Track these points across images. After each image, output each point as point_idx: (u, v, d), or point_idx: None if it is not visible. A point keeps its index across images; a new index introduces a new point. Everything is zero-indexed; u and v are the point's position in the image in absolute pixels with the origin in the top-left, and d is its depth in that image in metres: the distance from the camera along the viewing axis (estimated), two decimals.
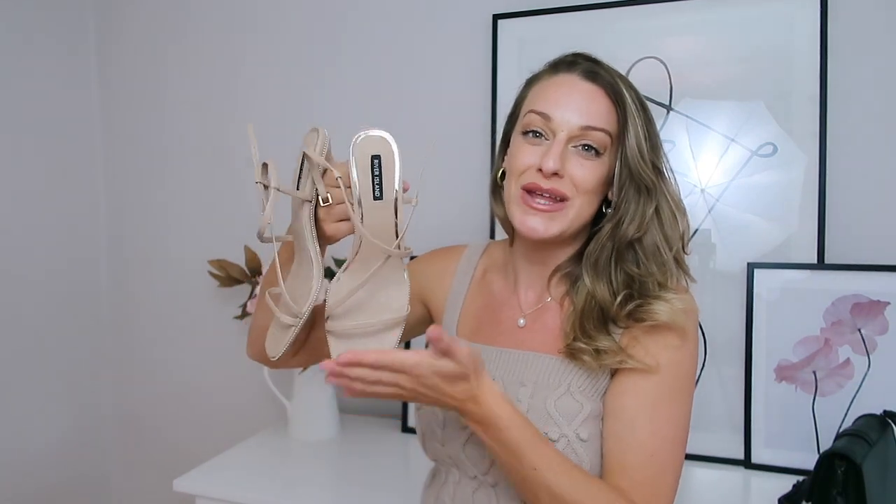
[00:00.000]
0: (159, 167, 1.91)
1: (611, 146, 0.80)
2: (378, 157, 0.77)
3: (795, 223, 1.33)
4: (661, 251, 0.79)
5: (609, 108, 0.79)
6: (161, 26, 1.88)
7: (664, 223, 0.80)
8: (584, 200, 0.80)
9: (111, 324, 1.99)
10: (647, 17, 1.40)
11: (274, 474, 1.37)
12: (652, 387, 0.76)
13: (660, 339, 0.78)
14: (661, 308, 0.76)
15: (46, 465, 1.82)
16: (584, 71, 0.81)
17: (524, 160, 0.80)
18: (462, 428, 0.82)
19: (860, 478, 0.95)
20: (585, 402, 0.78)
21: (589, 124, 0.78)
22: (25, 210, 1.76)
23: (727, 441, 1.35)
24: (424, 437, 0.88)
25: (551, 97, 0.80)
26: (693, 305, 0.81)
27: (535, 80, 0.86)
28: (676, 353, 0.77)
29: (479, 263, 0.96)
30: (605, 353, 0.76)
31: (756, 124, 1.35)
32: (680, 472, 0.77)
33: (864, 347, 1.27)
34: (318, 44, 1.71)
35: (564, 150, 0.78)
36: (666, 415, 0.76)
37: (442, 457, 0.87)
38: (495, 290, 0.92)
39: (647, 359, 0.76)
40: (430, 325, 0.99)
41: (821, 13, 1.29)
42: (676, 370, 0.78)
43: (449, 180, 1.60)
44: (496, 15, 1.52)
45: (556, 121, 0.78)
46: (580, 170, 0.78)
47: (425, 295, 0.98)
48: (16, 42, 1.73)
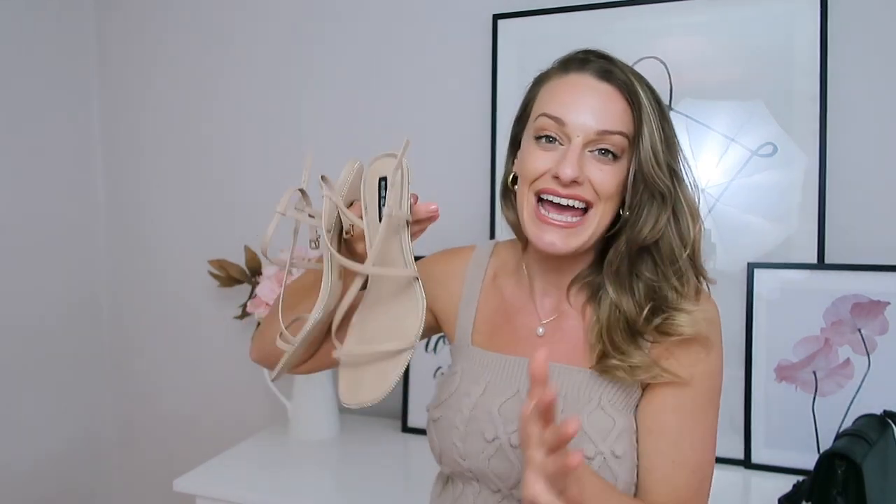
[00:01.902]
0: (159, 167, 1.91)
1: (628, 148, 0.76)
2: (384, 179, 0.75)
3: (795, 223, 1.33)
4: (678, 256, 0.77)
5: (625, 108, 0.75)
6: (161, 26, 1.87)
7: (681, 227, 0.77)
8: (607, 206, 0.76)
9: (111, 323, 1.99)
10: (647, 17, 1.40)
11: (274, 474, 1.37)
12: (689, 401, 0.75)
13: (690, 352, 0.76)
14: (683, 321, 0.74)
15: (47, 464, 1.82)
16: (597, 70, 0.76)
17: (537, 166, 0.76)
18: (487, 441, 0.79)
19: (860, 478, 0.95)
20: (618, 417, 0.76)
21: (606, 128, 0.74)
22: (25, 210, 1.76)
23: (727, 441, 1.35)
24: (442, 450, 0.84)
25: (564, 99, 0.76)
26: (714, 313, 0.79)
27: (545, 79, 0.81)
28: (706, 363, 0.76)
29: (489, 266, 0.92)
30: (639, 368, 0.74)
31: (756, 124, 1.35)
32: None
33: (864, 347, 1.27)
34: (318, 44, 1.71)
35: (581, 155, 0.74)
36: (703, 428, 0.76)
37: (461, 471, 0.83)
38: (507, 295, 0.88)
39: (681, 371, 0.75)
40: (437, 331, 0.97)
41: (821, 13, 1.29)
42: (709, 382, 0.77)
43: (449, 180, 1.60)
44: (496, 15, 1.52)
45: (571, 125, 0.74)
46: (599, 174, 0.74)
47: (430, 300, 0.94)
48: (16, 42, 1.73)
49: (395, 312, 0.74)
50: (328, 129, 1.71)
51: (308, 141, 1.73)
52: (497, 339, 0.86)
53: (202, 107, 1.85)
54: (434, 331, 0.97)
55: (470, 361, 0.86)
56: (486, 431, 0.79)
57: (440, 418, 0.84)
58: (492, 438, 0.79)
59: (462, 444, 0.81)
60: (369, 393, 0.72)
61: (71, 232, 1.89)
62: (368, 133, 1.66)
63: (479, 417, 0.80)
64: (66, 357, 1.87)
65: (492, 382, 0.82)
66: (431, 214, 0.77)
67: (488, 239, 1.50)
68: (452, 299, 0.92)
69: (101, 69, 1.94)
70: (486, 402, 0.80)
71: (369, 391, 0.72)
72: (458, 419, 0.81)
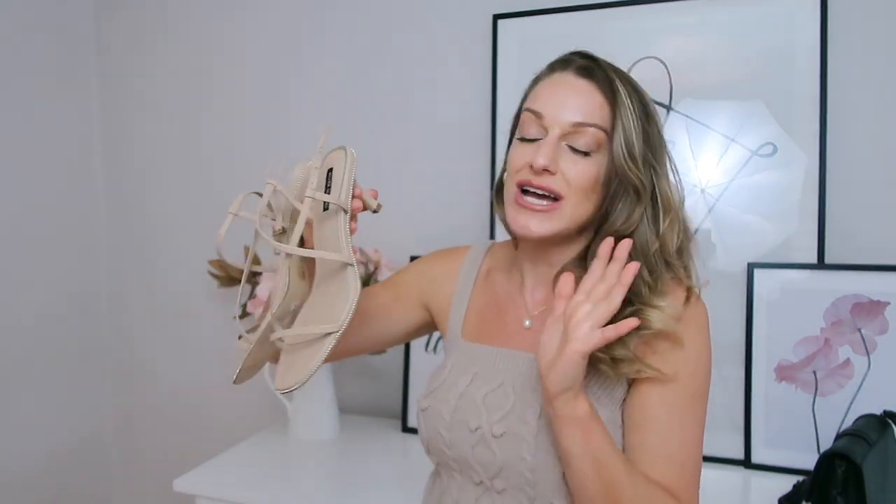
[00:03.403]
0: (159, 167, 1.91)
1: (605, 143, 0.78)
2: (331, 170, 0.78)
3: (795, 223, 1.33)
4: (651, 252, 0.78)
5: (602, 103, 0.78)
6: (162, 26, 1.87)
7: (657, 224, 0.79)
8: (579, 199, 0.78)
9: (111, 323, 1.99)
10: (647, 17, 1.40)
11: (274, 474, 1.37)
12: (674, 396, 0.76)
13: (669, 349, 0.77)
14: (653, 316, 0.75)
15: (47, 464, 1.82)
16: (578, 68, 0.80)
17: (519, 159, 0.80)
18: (471, 430, 0.81)
19: (860, 478, 0.95)
20: (600, 410, 0.76)
21: (580, 120, 0.77)
22: (25, 210, 1.76)
23: (727, 441, 1.35)
24: (429, 440, 0.86)
25: (545, 96, 0.80)
26: (695, 314, 0.79)
27: (536, 81, 0.85)
28: (687, 362, 0.77)
29: (483, 263, 0.95)
30: (622, 362, 0.75)
31: (756, 124, 1.35)
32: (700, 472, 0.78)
33: (864, 347, 1.27)
34: (318, 44, 1.71)
35: (557, 146, 0.77)
36: (690, 424, 0.76)
37: (446, 460, 0.85)
38: (500, 290, 0.91)
39: (664, 367, 0.75)
40: (432, 328, 0.99)
41: (821, 13, 1.29)
42: (694, 380, 0.77)
43: (449, 180, 1.60)
44: (496, 15, 1.52)
45: (548, 118, 0.78)
46: (573, 167, 0.77)
47: (425, 298, 0.96)
48: (16, 42, 1.73)
49: (330, 297, 0.74)
50: (327, 129, 1.71)
51: (308, 141, 1.73)
52: (486, 331, 0.88)
53: (202, 106, 1.85)
54: (430, 327, 0.99)
55: (460, 354, 0.88)
56: (470, 421, 0.81)
57: (428, 408, 0.86)
58: (475, 428, 0.80)
59: (448, 434, 0.83)
60: (293, 377, 0.71)
61: (71, 232, 1.89)
62: (368, 133, 1.66)
63: (465, 407, 0.82)
64: (66, 357, 1.87)
65: (479, 373, 0.84)
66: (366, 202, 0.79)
67: (488, 238, 1.50)
68: (446, 296, 0.94)
69: (101, 69, 1.95)
70: (472, 392, 0.82)
71: (294, 375, 0.71)
72: (444, 409, 0.83)
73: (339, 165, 0.77)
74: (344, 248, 0.74)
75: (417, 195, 1.64)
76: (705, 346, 0.79)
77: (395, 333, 0.98)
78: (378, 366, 1.69)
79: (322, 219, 0.77)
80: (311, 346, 0.71)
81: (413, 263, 1.02)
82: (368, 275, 1.51)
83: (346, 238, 0.74)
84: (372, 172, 1.70)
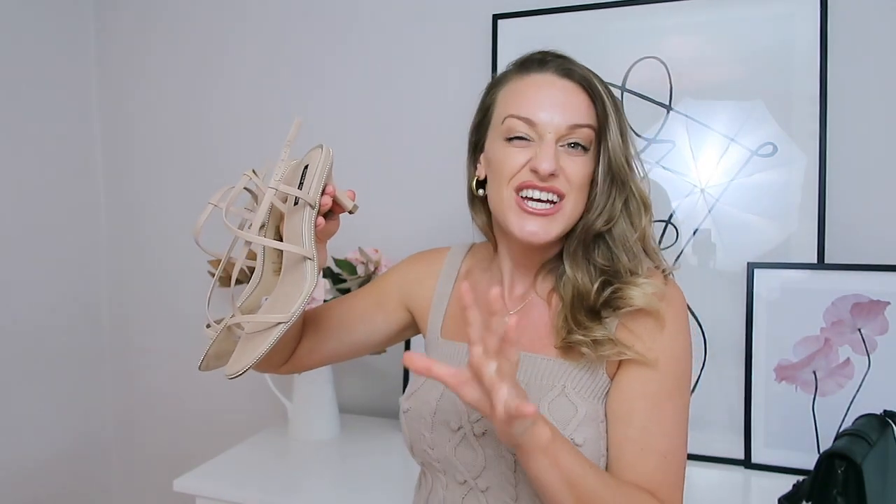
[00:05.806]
0: (159, 167, 1.91)
1: (594, 140, 0.79)
2: (306, 167, 0.79)
3: (795, 223, 1.33)
4: (630, 242, 0.80)
5: (587, 102, 0.79)
6: (161, 26, 1.87)
7: (632, 215, 0.80)
8: (577, 196, 0.79)
9: (111, 323, 1.99)
10: (647, 17, 1.40)
11: (274, 474, 1.37)
12: (656, 386, 0.76)
13: (648, 327, 0.77)
14: (634, 293, 0.76)
15: (47, 464, 1.82)
16: (557, 68, 0.80)
17: (515, 161, 0.79)
18: (452, 431, 0.81)
19: (860, 478, 0.95)
20: (581, 405, 0.77)
21: (575, 122, 0.78)
22: (25, 210, 1.76)
23: (727, 441, 1.35)
24: (412, 441, 0.87)
25: (530, 100, 0.79)
26: (674, 294, 0.80)
27: (503, 81, 0.84)
28: (666, 344, 0.77)
29: (463, 264, 0.96)
30: (602, 344, 0.76)
31: (756, 124, 1.35)
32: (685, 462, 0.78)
33: (864, 347, 1.27)
34: (317, 44, 1.71)
35: (555, 149, 0.77)
36: (672, 414, 0.76)
37: (430, 461, 0.85)
38: (479, 289, 0.90)
39: (646, 352, 0.76)
40: (415, 330, 0.99)
41: (821, 13, 1.29)
42: (675, 366, 0.78)
43: (448, 180, 1.60)
44: (496, 15, 1.52)
45: (542, 124, 0.77)
46: (572, 165, 0.78)
47: (407, 300, 0.97)
48: (16, 42, 1.73)
49: (288, 288, 0.76)
50: (327, 129, 1.71)
51: (308, 141, 1.73)
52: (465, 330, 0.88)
53: (202, 106, 1.85)
54: (415, 329, 1.00)
55: (439, 353, 0.89)
56: (451, 421, 0.81)
57: (410, 409, 0.86)
58: (457, 428, 0.81)
59: (430, 434, 0.83)
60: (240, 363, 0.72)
61: (71, 232, 1.89)
62: (368, 133, 1.66)
63: (446, 408, 0.82)
64: (66, 357, 1.87)
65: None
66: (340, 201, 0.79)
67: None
68: (427, 296, 0.95)
69: (101, 69, 1.95)
70: (452, 393, 0.81)
71: (241, 361, 0.72)
72: (425, 410, 0.84)
73: (313, 162, 0.78)
74: (305, 241, 0.75)
75: (417, 195, 1.64)
76: (684, 329, 0.80)
77: (379, 337, 0.98)
78: (378, 366, 1.69)
79: (291, 213, 0.78)
80: (262, 334, 0.72)
81: (394, 267, 1.02)
82: (368, 275, 1.51)
83: (308, 232, 0.75)
84: (372, 172, 1.71)
